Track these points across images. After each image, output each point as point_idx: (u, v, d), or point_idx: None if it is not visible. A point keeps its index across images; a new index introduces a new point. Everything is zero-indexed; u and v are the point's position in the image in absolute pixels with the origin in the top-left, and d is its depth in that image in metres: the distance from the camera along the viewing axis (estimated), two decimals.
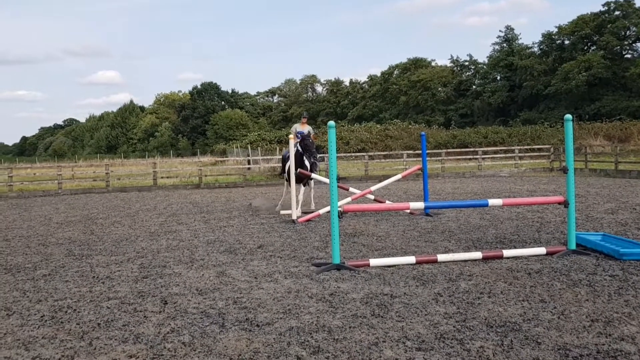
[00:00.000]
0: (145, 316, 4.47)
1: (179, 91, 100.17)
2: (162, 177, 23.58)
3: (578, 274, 5.41)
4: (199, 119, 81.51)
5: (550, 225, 8.63)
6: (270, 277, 5.66)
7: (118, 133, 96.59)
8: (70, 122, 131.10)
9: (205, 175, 23.28)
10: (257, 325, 4.15)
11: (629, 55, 53.02)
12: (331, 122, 5.99)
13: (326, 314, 4.38)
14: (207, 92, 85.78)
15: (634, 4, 51.16)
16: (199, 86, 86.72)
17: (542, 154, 26.00)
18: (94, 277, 5.97)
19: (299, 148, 10.85)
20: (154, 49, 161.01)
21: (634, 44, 52.90)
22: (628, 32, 51.64)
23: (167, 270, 6.16)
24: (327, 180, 10.33)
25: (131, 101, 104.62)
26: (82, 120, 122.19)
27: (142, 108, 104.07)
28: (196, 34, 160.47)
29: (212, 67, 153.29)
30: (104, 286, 5.53)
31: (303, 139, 10.93)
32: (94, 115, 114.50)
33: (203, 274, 5.91)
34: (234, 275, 5.83)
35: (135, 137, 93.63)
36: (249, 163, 26.46)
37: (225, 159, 34.42)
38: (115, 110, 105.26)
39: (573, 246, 6.37)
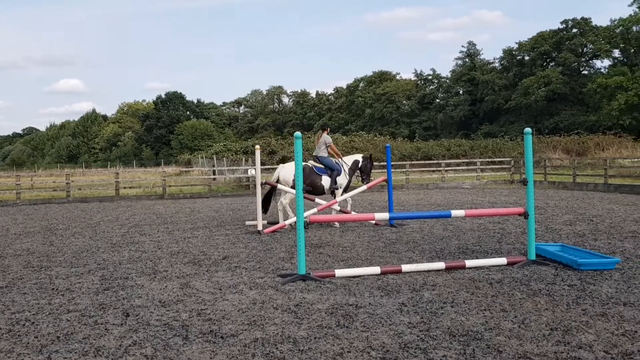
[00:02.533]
0: (106, 329, 4.38)
1: (143, 100, 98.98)
2: (124, 187, 23.17)
3: (538, 283, 5.55)
4: (164, 129, 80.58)
5: (510, 236, 8.83)
6: (235, 289, 5.62)
7: (79, 142, 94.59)
8: (30, 130, 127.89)
9: (170, 186, 23.01)
10: (222, 337, 4.11)
11: (586, 72, 54.96)
12: (297, 133, 6.01)
13: (291, 324, 4.37)
14: (172, 102, 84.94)
15: (591, 22, 53.11)
16: (163, 96, 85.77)
17: (503, 166, 26.60)
18: (53, 289, 5.82)
19: (314, 166, 10.89)
20: (119, 58, 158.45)
21: (590, 61, 54.90)
22: (585, 49, 53.57)
23: (129, 282, 6.05)
24: (293, 191, 10.35)
25: (93, 110, 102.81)
26: (43, 129, 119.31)
27: (104, 117, 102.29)
28: (163, 43, 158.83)
29: (178, 76, 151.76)
30: (64, 298, 5.39)
31: (317, 158, 11.09)
32: (54, 124, 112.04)
33: (166, 286, 5.82)
34: (198, 286, 5.76)
35: (97, 146, 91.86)
36: (214, 173, 26.25)
37: (190, 169, 34.05)
38: (77, 119, 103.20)
39: (533, 256, 6.53)
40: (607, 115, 44.30)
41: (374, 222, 10.60)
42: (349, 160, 11.43)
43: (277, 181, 10.67)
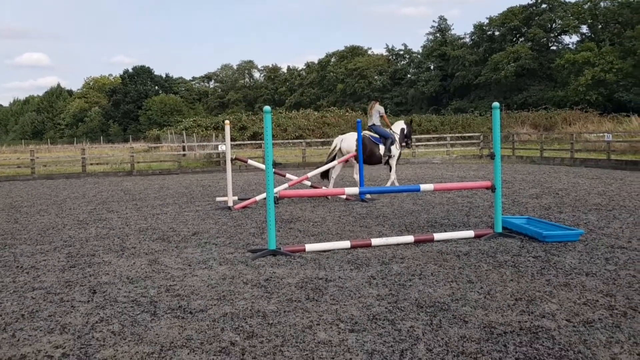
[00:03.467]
0: (72, 306, 4.32)
1: (110, 75, 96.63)
2: (91, 164, 22.73)
3: (504, 255, 5.66)
4: (131, 104, 78.94)
5: (479, 209, 8.96)
6: (204, 264, 5.59)
7: (44, 118, 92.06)
8: None
9: (138, 162, 22.66)
10: (190, 313, 4.10)
11: (554, 47, 55.61)
12: (267, 107, 5.94)
13: (261, 299, 4.38)
14: (140, 77, 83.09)
15: None
16: (130, 70, 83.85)
17: (472, 141, 26.93)
18: (17, 267, 5.70)
19: (370, 135, 11.36)
20: (85, 31, 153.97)
21: (559, 36, 55.54)
22: (554, 24, 54.11)
23: (96, 259, 5.96)
24: (262, 166, 10.30)
25: (58, 85, 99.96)
26: (6, 104, 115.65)
27: (70, 92, 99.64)
28: (130, 16, 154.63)
29: (146, 50, 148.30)
30: (29, 276, 5.28)
31: (372, 128, 11.60)
32: (18, 99, 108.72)
33: (134, 263, 5.76)
34: (166, 263, 5.72)
35: (62, 122, 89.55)
36: (184, 149, 25.92)
37: (159, 145, 33.53)
38: (42, 94, 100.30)
39: (499, 229, 6.65)
40: (575, 91, 45.04)
41: (344, 197, 10.64)
42: (396, 128, 12.00)
43: (336, 152, 11.30)
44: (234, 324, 3.84)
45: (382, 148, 11.37)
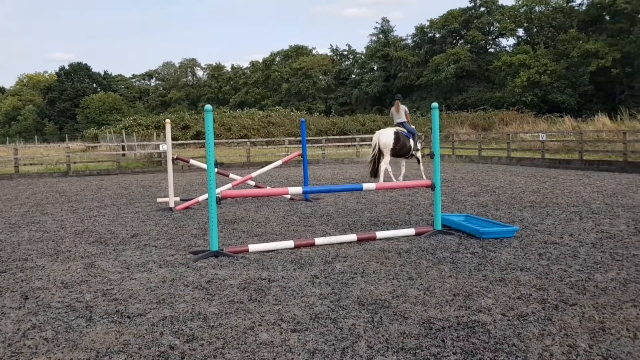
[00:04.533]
0: (2, 313, 4.11)
1: (45, 72, 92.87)
2: (25, 165, 21.76)
3: (443, 252, 5.80)
4: (68, 102, 76.09)
5: (419, 207, 9.15)
6: (143, 267, 5.45)
7: None
8: None
9: (75, 162, 21.88)
10: (128, 317, 3.98)
11: (492, 50, 57.48)
12: (208, 106, 5.85)
13: (202, 301, 4.31)
14: (77, 74, 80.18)
15: (498, 1, 55.46)
16: (67, 67, 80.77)
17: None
18: None
19: (402, 131, 12.78)
20: (19, 26, 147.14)
21: (496, 39, 57.44)
22: (492, 27, 55.93)
23: (29, 264, 5.70)
24: (205, 166, 10.15)
25: None
26: None
27: (2, 89, 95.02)
28: (66, 10, 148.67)
29: (84, 47, 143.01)
30: None
31: (402, 124, 13.03)
32: None
33: (69, 267, 5.54)
34: (103, 266, 5.53)
35: None
36: (123, 149, 25.19)
37: (97, 144, 32.45)
38: None
39: (439, 227, 6.81)
40: (511, 92, 46.70)
41: (289, 196, 10.62)
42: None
43: (376, 147, 12.69)
44: (174, 327, 3.76)
45: (412, 142, 12.69)
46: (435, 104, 6.89)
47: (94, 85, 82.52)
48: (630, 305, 3.96)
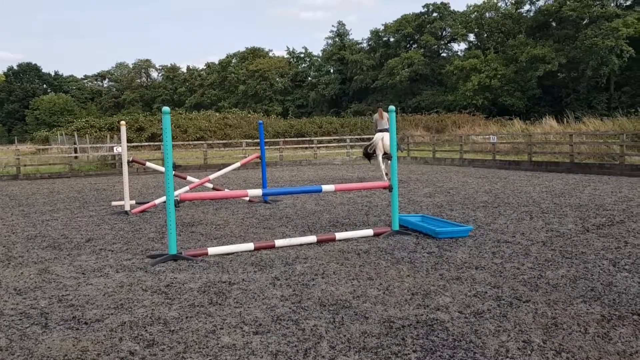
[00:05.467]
0: None
1: None
2: None
3: (401, 252, 5.91)
4: (17, 103, 73.53)
5: (377, 208, 9.28)
6: (100, 272, 5.33)
7: None
8: None
9: (25, 165, 21.14)
10: (85, 323, 3.90)
11: (445, 54, 58.75)
12: (166, 108, 5.79)
13: (162, 306, 4.26)
14: (26, 74, 77.57)
15: (450, 6, 56.73)
16: (15, 67, 77.98)
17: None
18: None
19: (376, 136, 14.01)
20: None
21: (449, 44, 58.76)
22: (444, 32, 57.17)
23: None
24: (162, 169, 10.02)
25: None
26: None
27: None
28: (15, 7, 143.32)
29: (33, 46, 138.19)
30: None
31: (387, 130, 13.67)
32: None
33: (22, 272, 5.38)
34: (58, 272, 5.39)
35: None
36: (75, 152, 24.50)
37: (48, 146, 31.44)
38: None
39: (396, 227, 6.93)
40: (463, 95, 47.86)
41: (247, 199, 10.59)
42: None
43: (377, 145, 13.84)
44: (133, 332, 3.71)
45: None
46: (392, 107, 7.02)
47: (45, 86, 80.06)
48: (580, 301, 4.14)
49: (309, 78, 68.28)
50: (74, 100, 75.98)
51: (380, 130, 13.87)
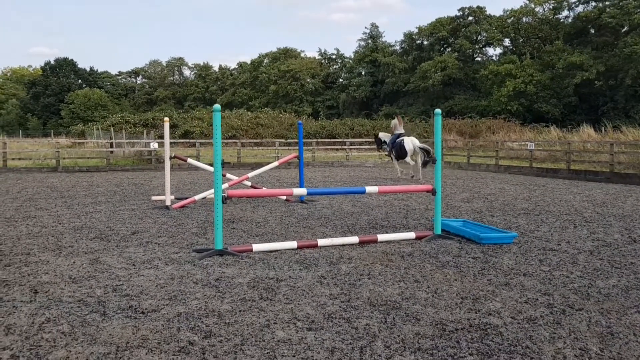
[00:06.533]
0: (14, 306, 4.11)
1: (29, 66, 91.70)
2: (12, 159, 21.50)
3: (445, 256, 5.89)
4: (53, 97, 75.20)
5: (415, 212, 9.25)
6: (149, 264, 5.46)
7: None
8: None
9: (64, 158, 21.65)
10: (142, 313, 4.00)
11: (479, 59, 58.11)
12: (217, 106, 5.88)
13: (214, 299, 4.34)
14: (62, 69, 79.28)
15: (486, 10, 56.10)
16: (52, 62, 79.83)
17: None
18: None
19: (404, 140, 15.47)
20: (1, 19, 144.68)
21: (483, 48, 58.09)
22: (479, 36, 56.54)
23: (33, 258, 5.68)
24: (203, 165, 10.23)
25: None
26: None
27: None
28: (52, 4, 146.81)
29: (69, 42, 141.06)
30: None
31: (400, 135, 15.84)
32: None
33: (74, 262, 5.53)
34: (109, 262, 5.53)
35: None
36: (112, 146, 24.98)
37: (84, 140, 32.11)
38: None
39: (439, 231, 6.90)
40: (497, 101, 47.24)
41: (284, 198, 10.67)
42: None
43: (414, 151, 15.24)
44: (190, 323, 3.79)
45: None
46: (438, 110, 6.99)
47: (80, 81, 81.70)
48: (634, 311, 4.08)
49: (340, 80, 68.27)
50: (108, 95, 77.38)
51: (399, 135, 15.71)
